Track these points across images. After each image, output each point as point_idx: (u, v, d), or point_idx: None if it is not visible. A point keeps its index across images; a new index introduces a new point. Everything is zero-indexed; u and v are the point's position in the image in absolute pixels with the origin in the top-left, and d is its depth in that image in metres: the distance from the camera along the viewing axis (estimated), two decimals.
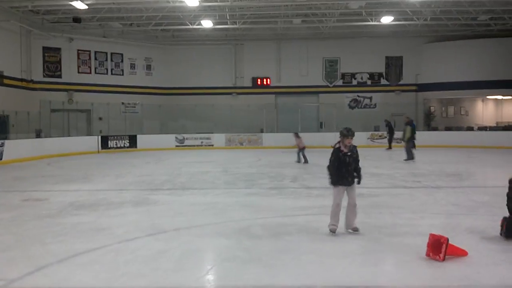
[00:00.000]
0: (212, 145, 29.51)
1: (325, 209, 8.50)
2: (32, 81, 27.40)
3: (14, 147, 20.81)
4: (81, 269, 5.28)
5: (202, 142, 29.49)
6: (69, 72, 29.43)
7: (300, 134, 18.77)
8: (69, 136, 26.88)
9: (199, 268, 5.48)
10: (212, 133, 29.94)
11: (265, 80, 33.06)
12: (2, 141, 20.27)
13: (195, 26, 28.17)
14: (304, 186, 11.82)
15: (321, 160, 19.67)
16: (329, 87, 32.75)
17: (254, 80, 33.02)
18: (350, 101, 32.70)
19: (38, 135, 24.56)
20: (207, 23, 27.27)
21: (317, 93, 32.75)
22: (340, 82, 32.82)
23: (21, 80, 26.55)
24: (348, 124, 8.30)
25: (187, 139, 29.45)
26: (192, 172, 15.49)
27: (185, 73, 33.02)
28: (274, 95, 32.92)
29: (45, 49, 28.53)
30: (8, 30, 24.91)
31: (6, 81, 24.69)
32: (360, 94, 32.68)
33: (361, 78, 32.83)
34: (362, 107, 32.65)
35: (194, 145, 29.34)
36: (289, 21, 28.51)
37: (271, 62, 32.92)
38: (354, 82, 32.82)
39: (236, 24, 28.35)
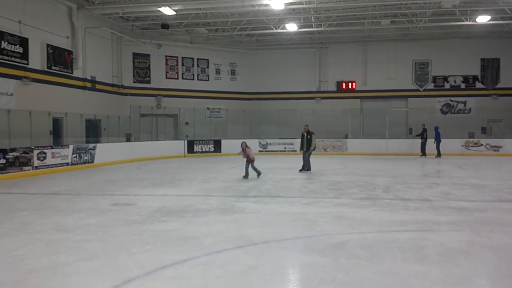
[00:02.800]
0: (295, 151, 28.97)
1: (427, 225, 7.77)
2: (122, 87, 28.39)
3: (105, 150, 21.54)
4: (168, 284, 4.98)
5: (285, 148, 29.12)
6: (158, 77, 30.23)
7: (249, 144, 16.10)
8: (157, 140, 27.53)
9: None
10: (295, 138, 29.41)
11: (350, 84, 32.13)
12: (94, 144, 21.04)
13: (279, 30, 27.91)
14: (398, 197, 11.00)
15: (413, 168, 18.70)
16: (419, 91, 31.20)
17: (339, 84, 32.19)
18: (442, 106, 30.91)
19: (128, 139, 25.35)
20: (291, 27, 26.87)
21: (406, 97, 31.29)
22: (431, 86, 31.15)
23: (112, 85, 27.56)
24: (440, 130, 7.47)
25: (270, 144, 29.23)
26: (277, 179, 15.09)
27: (268, 77, 32.88)
28: (359, 100, 31.88)
29: (135, 55, 29.48)
30: (100, 37, 25.94)
31: (98, 86, 25.71)
32: (453, 99, 30.81)
33: (454, 82, 30.95)
34: (455, 112, 30.75)
35: (277, 151, 29.05)
36: (377, 22, 27.43)
37: (357, 65, 31.93)
38: (447, 85, 31.01)
39: (321, 26, 27.73)
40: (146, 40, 29.15)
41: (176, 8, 22.65)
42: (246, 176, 15.15)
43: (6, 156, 15.63)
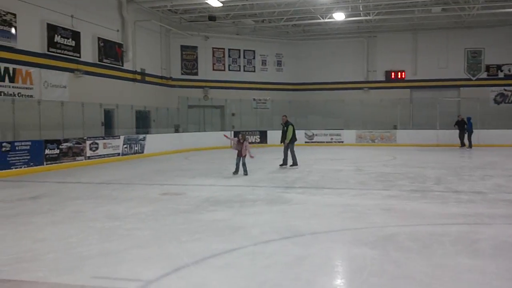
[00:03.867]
0: (342, 142, 28.72)
1: (480, 218, 7.52)
2: (171, 79, 28.85)
3: (155, 141, 21.98)
4: (217, 273, 5.02)
5: (332, 139, 28.86)
6: (205, 69, 30.54)
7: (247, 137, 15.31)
8: (204, 131, 27.84)
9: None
10: (342, 129, 29.14)
11: (399, 73, 31.43)
12: (144, 135, 21.52)
13: (326, 20, 27.55)
14: (450, 189, 10.69)
15: (465, 160, 18.12)
16: (471, 80, 30.17)
17: (388, 73, 31.53)
18: (496, 96, 29.79)
19: (176, 130, 25.77)
20: (339, 16, 26.46)
21: (458, 87, 30.34)
22: (484, 75, 30.06)
23: (161, 77, 28.05)
24: (493, 121, 7.19)
25: (316, 135, 29.03)
26: (324, 170, 14.97)
27: (315, 68, 32.59)
28: (409, 89, 31.14)
29: (183, 48, 29.86)
30: (149, 30, 26.40)
31: (148, 78, 26.22)
32: (507, 88, 29.62)
33: (509, 70, 29.75)
34: (510, 102, 29.54)
35: (323, 142, 28.83)
36: (427, 10, 26.64)
37: (406, 54, 31.17)
38: (501, 74, 29.86)
39: (369, 15, 27.22)
40: (194, 33, 29.46)
41: (223, 0, 22.74)
42: (236, 171, 13.79)
43: (60, 147, 16.19)
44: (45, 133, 16.56)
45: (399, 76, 31.37)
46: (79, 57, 20.34)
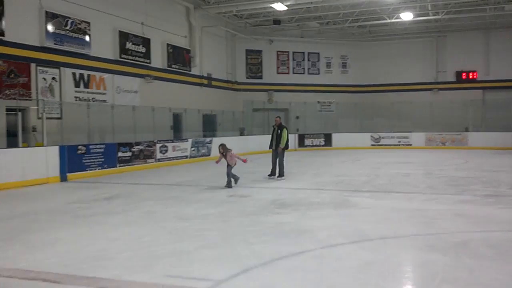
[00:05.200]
0: (410, 145, 27.98)
1: None
2: (236, 82, 29.27)
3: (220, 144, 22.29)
4: (285, 275, 5.05)
5: (399, 142, 28.18)
6: (269, 73, 30.75)
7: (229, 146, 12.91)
8: (269, 134, 27.89)
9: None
10: (410, 132, 28.38)
11: (470, 74, 30.22)
12: (210, 138, 21.95)
13: (393, 20, 27.01)
14: None
15: None
16: None
17: (458, 74, 30.41)
18: None
19: (241, 133, 26.08)
20: (406, 16, 25.83)
21: None
22: None
23: (227, 81, 28.52)
24: None
25: (383, 138, 28.45)
26: (391, 174, 14.66)
27: (381, 69, 31.96)
28: (481, 90, 29.87)
29: (248, 52, 30.22)
30: (215, 35, 26.93)
31: (214, 83, 26.75)
32: None
33: None
34: None
35: (390, 144, 28.20)
36: (500, 8, 25.48)
37: (478, 54, 29.94)
38: None
39: (438, 14, 26.40)
40: (258, 37, 29.75)
41: (288, 3, 22.83)
42: (229, 183, 11.98)
43: (132, 149, 16.83)
44: (117, 136, 17.28)
45: (471, 77, 30.16)
46: (149, 63, 21.08)
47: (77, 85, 17.47)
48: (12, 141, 14.17)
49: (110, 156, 15.75)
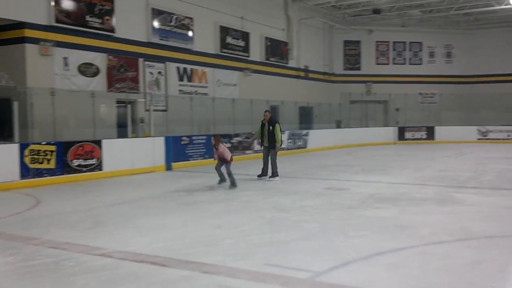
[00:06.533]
0: None
1: None
2: (333, 74, 28.99)
3: (317, 136, 22.31)
4: (386, 271, 4.96)
5: (508, 136, 26.33)
6: (368, 64, 30.09)
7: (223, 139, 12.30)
8: (367, 127, 27.44)
9: None
10: None
11: None
12: (307, 130, 21.96)
13: (502, 6, 25.20)
14: None
15: None
16: None
17: None
18: None
19: (338, 126, 25.82)
20: None
21: None
22: None
23: (324, 73, 28.33)
24: None
25: (491, 131, 26.71)
26: (500, 170, 13.79)
27: (488, 59, 30.05)
28: None
29: (346, 43, 29.79)
30: (312, 27, 26.82)
31: (311, 75, 26.70)
32: None
33: None
34: None
35: (499, 139, 26.42)
36: None
37: None
38: None
39: None
40: (357, 27, 29.19)
41: None
42: (221, 180, 11.20)
43: (231, 141, 17.29)
44: (217, 128, 17.85)
45: None
46: (248, 56, 21.50)
47: (180, 78, 18.28)
48: (122, 131, 15.18)
49: (211, 147, 16.24)
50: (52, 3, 13.98)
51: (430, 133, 27.02)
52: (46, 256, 5.50)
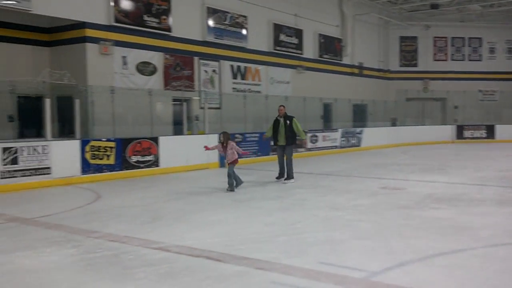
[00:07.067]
0: None
1: None
2: (388, 71, 28.42)
3: (371, 134, 21.96)
4: (443, 273, 4.83)
5: None
6: (425, 60, 29.33)
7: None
8: (423, 125, 26.76)
9: None
10: None
11: None
12: (360, 128, 21.67)
13: None
14: None
15: None
16: None
17: None
18: None
19: (393, 124, 25.32)
20: None
21: None
22: None
23: (379, 70, 27.83)
24: None
25: None
26: None
27: None
28: None
29: (402, 39, 29.14)
30: (367, 23, 26.38)
31: (365, 72, 26.29)
32: None
33: None
34: None
35: None
36: None
37: None
38: None
39: None
40: (413, 23, 28.51)
41: None
42: (231, 185, 10.14)
43: None
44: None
45: None
46: (301, 53, 21.43)
47: (234, 76, 18.47)
48: (178, 129, 15.51)
49: (264, 144, 16.38)
50: (112, 4, 14.46)
51: (490, 132, 26.00)
52: (106, 249, 5.72)
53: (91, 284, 4.56)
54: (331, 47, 23.41)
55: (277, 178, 11.57)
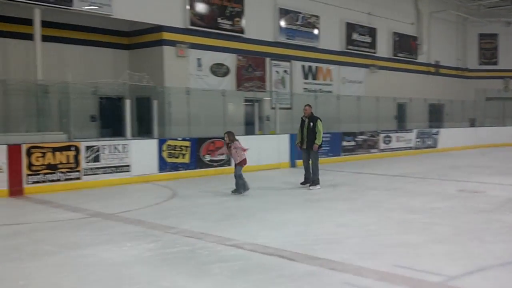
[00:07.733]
0: None
1: None
2: (467, 70, 27.31)
3: (448, 135, 21.18)
4: None
5: None
6: (506, 58, 27.90)
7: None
8: (503, 126, 25.42)
9: None
10: None
11: None
12: (437, 129, 20.95)
13: None
14: None
15: None
16: None
17: None
18: None
19: (472, 124, 24.28)
20: None
21: None
22: None
23: (456, 69, 26.81)
24: None
25: None
26: None
27: None
28: None
29: (481, 36, 27.90)
30: (444, 20, 25.48)
31: (442, 70, 25.41)
32: None
33: None
34: None
35: None
36: None
37: None
38: None
39: None
40: (494, 19, 27.20)
41: None
42: (240, 189, 9.68)
43: (355, 139, 17.08)
44: (342, 126, 17.72)
45: None
46: (375, 52, 21.05)
47: (305, 77, 18.46)
48: (249, 129, 15.73)
49: (335, 145, 16.25)
50: (188, 7, 14.91)
51: None
52: (183, 244, 5.92)
53: (169, 278, 4.74)
54: (406, 45, 22.81)
55: (302, 183, 10.79)
